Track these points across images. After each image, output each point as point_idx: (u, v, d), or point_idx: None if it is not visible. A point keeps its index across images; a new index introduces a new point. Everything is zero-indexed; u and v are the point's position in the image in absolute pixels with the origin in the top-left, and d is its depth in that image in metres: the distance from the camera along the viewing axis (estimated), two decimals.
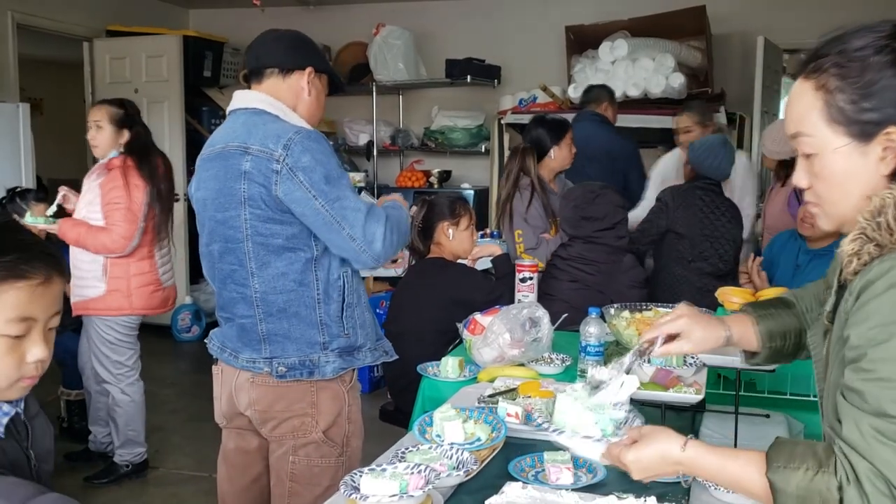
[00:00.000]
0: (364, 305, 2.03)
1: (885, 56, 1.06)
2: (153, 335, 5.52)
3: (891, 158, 1.07)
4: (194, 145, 5.93)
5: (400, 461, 1.49)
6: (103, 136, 3.42)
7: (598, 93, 4.54)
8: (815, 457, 1.06)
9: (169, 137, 6.23)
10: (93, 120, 3.43)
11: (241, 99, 2.00)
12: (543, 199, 3.55)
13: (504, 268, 3.12)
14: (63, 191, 3.52)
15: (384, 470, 1.40)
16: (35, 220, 3.42)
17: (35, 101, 8.00)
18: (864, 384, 1.02)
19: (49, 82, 8.88)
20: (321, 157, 1.85)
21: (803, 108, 1.12)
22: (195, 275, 6.27)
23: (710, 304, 2.61)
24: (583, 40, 5.82)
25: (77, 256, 3.41)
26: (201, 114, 6.54)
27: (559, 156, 3.65)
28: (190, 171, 5.11)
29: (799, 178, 1.17)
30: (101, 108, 3.46)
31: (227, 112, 2.04)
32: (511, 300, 2.84)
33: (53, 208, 3.48)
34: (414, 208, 3.23)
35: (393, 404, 3.20)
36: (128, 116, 3.47)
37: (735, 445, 1.73)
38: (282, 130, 1.87)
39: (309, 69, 2.00)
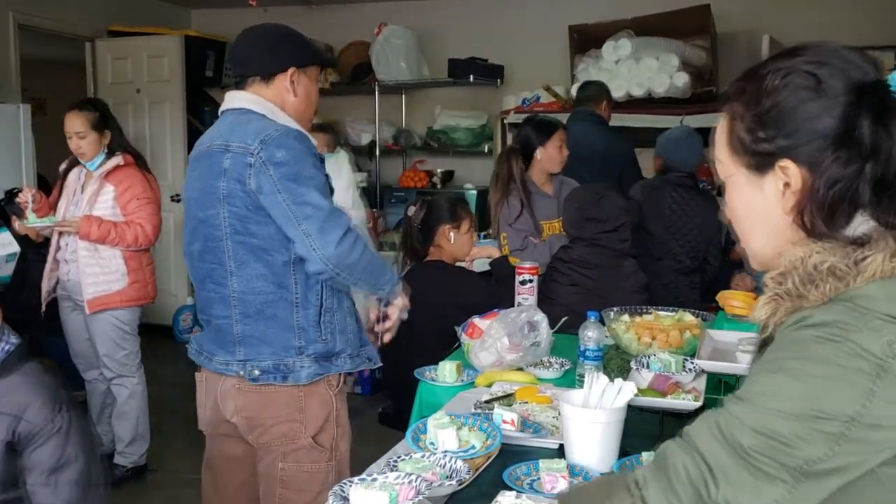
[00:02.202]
0: (346, 310, 1.99)
1: (786, 80, 0.96)
2: (155, 336, 5.50)
3: (790, 194, 0.96)
4: None
5: (392, 470, 1.46)
6: (88, 144, 3.43)
7: (597, 90, 4.33)
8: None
9: (170, 138, 6.22)
10: (73, 131, 3.41)
11: (231, 99, 1.99)
12: (527, 202, 3.49)
13: (503, 270, 3.08)
14: (32, 191, 3.50)
15: (374, 480, 1.38)
16: (42, 220, 3.42)
17: (39, 101, 8.00)
18: (727, 402, 0.92)
19: (53, 82, 8.88)
20: (297, 154, 1.82)
21: (718, 134, 1.05)
22: None
23: (676, 301, 2.61)
24: (586, 40, 5.78)
25: (99, 253, 3.42)
26: (203, 114, 6.50)
27: (546, 156, 3.54)
28: None
29: (723, 211, 1.08)
30: (77, 116, 3.44)
31: (219, 112, 2.03)
32: (511, 303, 2.81)
33: (31, 208, 3.44)
34: (413, 208, 3.20)
35: (393, 408, 3.18)
36: (103, 118, 3.49)
37: None
38: (262, 128, 1.85)
39: (291, 70, 1.97)
